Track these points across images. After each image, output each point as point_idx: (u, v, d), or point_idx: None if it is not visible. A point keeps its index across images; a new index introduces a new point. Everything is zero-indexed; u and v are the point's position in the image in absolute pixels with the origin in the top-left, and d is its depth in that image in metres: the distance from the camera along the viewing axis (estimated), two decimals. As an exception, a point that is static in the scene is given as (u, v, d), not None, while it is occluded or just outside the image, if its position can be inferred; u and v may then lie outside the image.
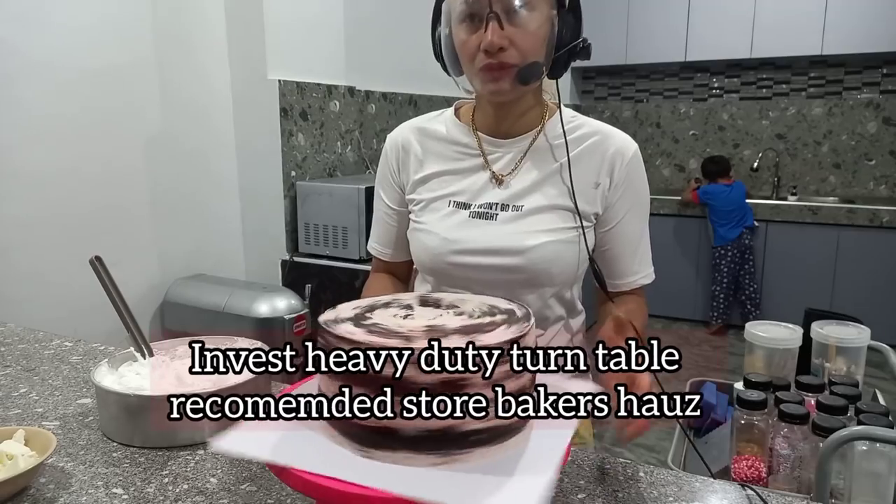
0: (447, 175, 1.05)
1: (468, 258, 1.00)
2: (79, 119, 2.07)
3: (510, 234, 0.99)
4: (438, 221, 1.03)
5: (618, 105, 5.25)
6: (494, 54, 0.91)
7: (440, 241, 1.01)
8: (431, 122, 1.10)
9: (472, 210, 1.01)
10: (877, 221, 3.96)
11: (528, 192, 1.00)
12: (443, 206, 1.03)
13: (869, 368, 1.19)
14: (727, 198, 4.17)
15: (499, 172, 1.02)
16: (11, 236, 1.93)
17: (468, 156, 1.04)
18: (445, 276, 1.03)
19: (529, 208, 1.00)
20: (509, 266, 0.98)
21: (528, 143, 1.03)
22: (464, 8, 0.92)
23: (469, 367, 0.54)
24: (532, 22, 0.92)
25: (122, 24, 2.18)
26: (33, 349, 1.25)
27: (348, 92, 2.94)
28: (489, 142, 1.04)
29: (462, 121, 1.07)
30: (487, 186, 1.02)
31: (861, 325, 1.19)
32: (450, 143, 1.06)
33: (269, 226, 2.69)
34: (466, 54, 0.95)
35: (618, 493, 0.76)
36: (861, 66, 4.47)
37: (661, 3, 4.61)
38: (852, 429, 0.85)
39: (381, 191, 1.14)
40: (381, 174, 1.14)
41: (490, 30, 0.90)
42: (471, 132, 1.05)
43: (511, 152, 1.03)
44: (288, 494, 0.74)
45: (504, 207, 1.00)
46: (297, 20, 2.63)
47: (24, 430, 0.80)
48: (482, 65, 0.93)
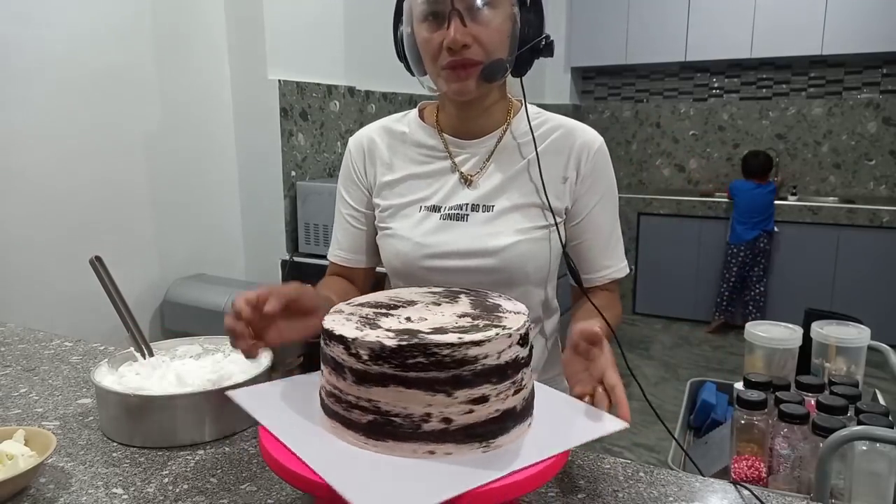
0: (415, 179, 1.04)
1: (441, 262, 0.99)
2: (79, 119, 2.08)
3: (482, 236, 0.98)
4: (411, 227, 1.02)
5: (618, 105, 5.25)
6: (458, 52, 0.90)
7: (413, 245, 1.00)
8: (397, 123, 1.08)
9: (443, 213, 1.01)
10: (877, 221, 3.96)
11: (498, 191, 1.00)
12: (413, 211, 1.02)
13: (869, 368, 1.19)
14: (751, 197, 4.15)
15: (467, 173, 1.02)
16: (11, 236, 1.93)
17: (435, 158, 1.04)
18: (418, 280, 1.01)
19: (500, 208, 1.00)
20: (483, 267, 0.98)
21: (495, 142, 1.02)
22: (425, 7, 0.91)
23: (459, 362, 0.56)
24: (495, 18, 0.91)
25: (122, 24, 2.18)
26: (33, 349, 1.25)
27: (348, 92, 2.94)
28: (455, 143, 1.03)
29: (426, 122, 1.06)
30: (457, 188, 1.01)
31: (861, 325, 1.19)
32: (415, 146, 1.05)
33: (269, 226, 2.69)
34: (429, 53, 0.94)
35: (618, 493, 0.76)
36: (861, 66, 4.47)
37: (661, 3, 4.61)
38: (852, 429, 0.85)
39: (344, 194, 1.11)
40: (344, 176, 1.11)
41: (453, 27, 0.89)
42: (436, 134, 1.04)
43: (478, 152, 1.02)
44: (288, 494, 0.74)
45: (475, 208, 1.00)
46: (297, 20, 2.63)
47: (24, 430, 0.80)
48: (446, 63, 0.92)
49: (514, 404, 0.59)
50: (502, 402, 0.58)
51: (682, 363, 3.89)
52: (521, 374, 0.60)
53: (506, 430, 0.59)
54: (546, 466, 0.56)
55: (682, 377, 3.61)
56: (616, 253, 1.06)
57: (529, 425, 0.63)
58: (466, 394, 0.56)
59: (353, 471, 0.54)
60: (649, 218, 4.62)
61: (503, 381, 0.58)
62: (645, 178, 5.27)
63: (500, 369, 0.57)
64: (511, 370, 0.58)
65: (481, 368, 0.56)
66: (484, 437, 0.58)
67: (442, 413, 0.56)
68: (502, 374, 0.58)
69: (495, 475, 0.54)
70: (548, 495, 0.75)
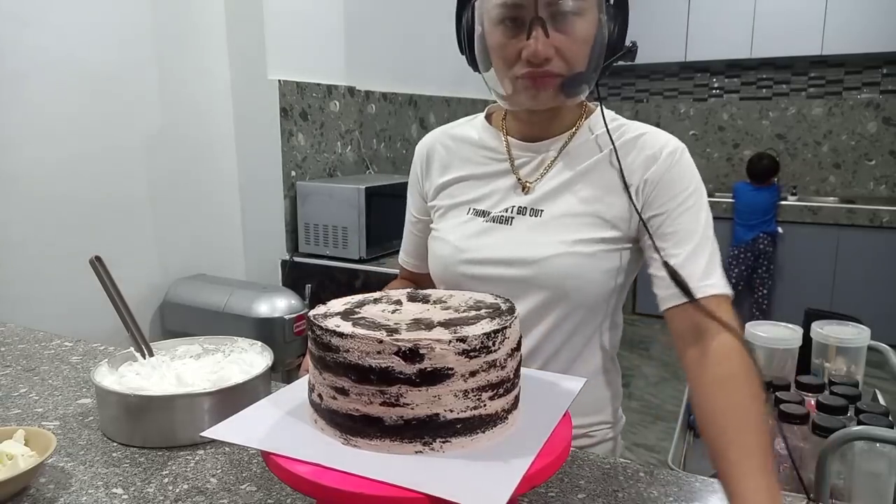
0: (470, 180, 0.97)
1: (479, 269, 0.92)
2: (79, 119, 2.07)
3: (524, 243, 0.89)
4: (453, 228, 0.96)
5: (618, 105, 5.24)
6: (539, 64, 0.82)
7: (451, 249, 0.94)
8: (462, 126, 1.03)
9: (491, 216, 0.93)
10: (877, 221, 3.96)
11: (553, 195, 0.90)
12: (461, 213, 0.96)
13: (869, 368, 1.19)
14: (748, 199, 4.16)
15: (525, 178, 0.93)
16: (11, 236, 1.93)
17: (494, 160, 0.96)
18: (457, 287, 0.93)
19: (551, 213, 0.89)
20: (518, 277, 0.89)
21: (562, 145, 0.92)
22: (502, 11, 0.82)
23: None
24: (581, 28, 0.82)
25: (122, 24, 2.18)
26: (33, 349, 1.25)
27: (348, 92, 2.94)
28: (518, 146, 0.95)
29: (493, 124, 0.99)
30: (511, 192, 0.93)
31: (861, 325, 1.19)
32: (478, 148, 0.98)
33: (269, 226, 2.69)
34: (503, 60, 0.85)
35: (618, 493, 0.76)
36: (861, 66, 4.47)
37: (661, 3, 4.61)
38: (852, 429, 0.85)
39: (409, 200, 1.08)
40: (410, 182, 1.08)
41: (534, 38, 0.80)
42: (500, 136, 0.97)
43: (541, 156, 0.93)
44: (288, 494, 0.74)
45: (522, 211, 0.91)
46: (297, 20, 2.63)
47: (24, 430, 0.80)
48: (523, 73, 0.84)
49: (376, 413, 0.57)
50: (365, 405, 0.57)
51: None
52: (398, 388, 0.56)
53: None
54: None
55: (682, 377, 3.59)
56: (707, 268, 0.83)
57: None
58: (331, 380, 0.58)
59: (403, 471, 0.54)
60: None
61: (363, 382, 0.56)
62: (645, 178, 5.26)
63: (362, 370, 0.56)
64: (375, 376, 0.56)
65: (342, 360, 0.57)
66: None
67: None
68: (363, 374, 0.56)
69: (528, 459, 0.55)
70: (548, 495, 0.75)
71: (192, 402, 0.86)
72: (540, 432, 0.60)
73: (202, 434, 0.61)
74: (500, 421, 0.60)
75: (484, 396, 0.58)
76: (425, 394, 0.55)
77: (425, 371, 0.55)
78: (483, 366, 0.57)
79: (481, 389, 0.57)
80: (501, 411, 0.60)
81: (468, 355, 0.56)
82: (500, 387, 0.59)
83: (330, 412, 0.59)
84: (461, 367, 0.56)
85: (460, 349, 0.56)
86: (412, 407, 0.56)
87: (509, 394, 0.61)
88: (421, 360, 0.55)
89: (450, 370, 0.56)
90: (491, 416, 0.59)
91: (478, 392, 0.57)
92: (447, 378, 0.56)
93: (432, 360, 0.55)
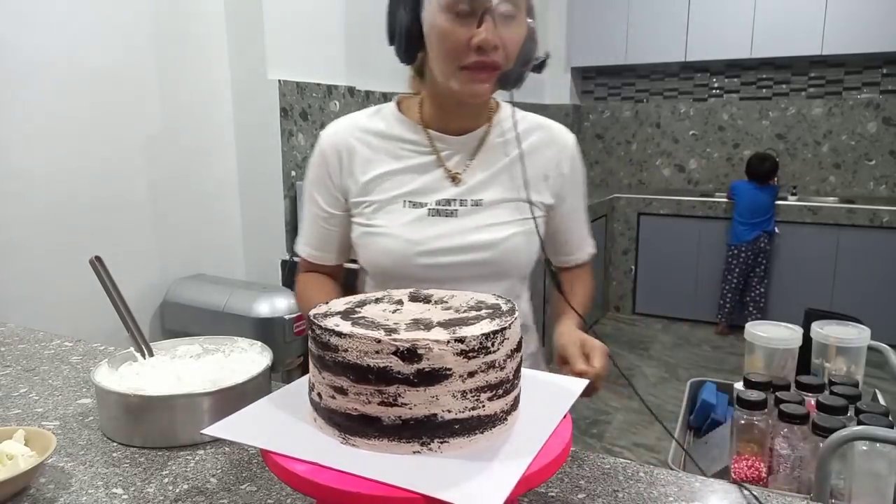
0: (398, 174, 1.02)
1: (436, 258, 0.99)
2: (79, 119, 2.08)
3: (474, 230, 1.00)
4: (396, 222, 1.00)
5: (618, 105, 5.25)
6: (489, 52, 0.89)
7: (403, 243, 0.99)
8: (371, 119, 1.06)
9: (430, 208, 1.00)
10: (877, 221, 3.96)
11: (484, 186, 1.02)
12: (397, 206, 1.01)
13: (869, 368, 1.18)
14: (751, 198, 4.15)
15: (452, 169, 1.02)
16: (11, 236, 1.93)
17: (418, 153, 1.02)
18: (408, 277, 0.99)
19: (488, 202, 1.02)
20: (479, 261, 1.00)
21: (479, 138, 1.03)
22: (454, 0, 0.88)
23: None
24: (518, 28, 0.92)
25: (123, 24, 2.18)
26: (33, 349, 1.25)
27: (348, 92, 2.94)
28: (440, 138, 1.02)
29: (407, 116, 1.04)
30: (442, 183, 1.01)
31: (861, 325, 1.19)
32: (396, 141, 1.03)
33: (269, 226, 2.69)
34: (450, 48, 0.90)
35: (618, 493, 0.76)
36: (861, 66, 4.47)
37: (661, 3, 4.61)
38: (852, 429, 0.85)
39: (315, 194, 1.07)
40: (315, 176, 1.07)
41: (486, 27, 0.87)
42: (419, 129, 1.03)
43: (463, 149, 1.03)
44: (288, 494, 0.74)
45: (462, 202, 1.01)
46: (297, 20, 2.63)
47: (24, 430, 0.80)
48: (471, 62, 0.90)
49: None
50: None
51: (682, 363, 3.89)
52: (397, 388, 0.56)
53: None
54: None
55: (681, 377, 3.60)
56: (589, 234, 1.19)
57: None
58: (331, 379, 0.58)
59: (403, 471, 0.54)
60: (649, 218, 4.62)
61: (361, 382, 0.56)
62: (645, 179, 5.27)
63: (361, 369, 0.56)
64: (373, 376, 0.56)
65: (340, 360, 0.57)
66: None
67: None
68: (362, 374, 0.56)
69: (525, 461, 0.55)
70: (548, 495, 0.75)
71: (192, 402, 0.86)
72: (539, 433, 0.60)
73: (202, 431, 0.61)
74: (498, 422, 0.60)
75: (483, 397, 0.58)
76: (423, 394, 0.55)
77: (423, 371, 0.55)
78: (482, 366, 0.57)
79: (480, 390, 0.57)
80: (500, 412, 0.60)
81: (466, 356, 0.56)
82: (499, 388, 0.59)
83: (329, 411, 0.59)
84: (459, 368, 0.56)
85: (458, 349, 0.56)
86: (410, 407, 0.56)
87: (509, 395, 0.60)
88: (419, 360, 0.55)
89: (448, 371, 0.55)
90: (490, 417, 0.58)
91: (476, 393, 0.57)
92: (445, 378, 0.56)
93: (430, 360, 0.55)
